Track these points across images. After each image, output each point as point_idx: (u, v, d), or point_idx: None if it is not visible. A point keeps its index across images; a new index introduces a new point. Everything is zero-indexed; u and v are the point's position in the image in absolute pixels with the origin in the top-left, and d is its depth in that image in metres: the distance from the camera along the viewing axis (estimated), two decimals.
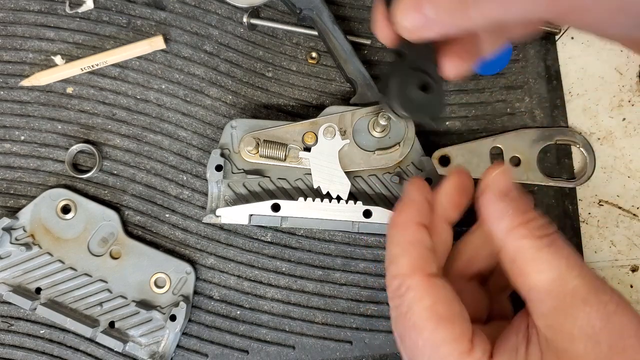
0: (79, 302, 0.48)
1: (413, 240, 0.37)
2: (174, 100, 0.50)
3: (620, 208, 0.50)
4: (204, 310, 0.48)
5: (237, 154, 0.46)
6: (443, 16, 0.30)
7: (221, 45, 0.51)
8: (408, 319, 0.35)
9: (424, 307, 0.34)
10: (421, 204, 0.38)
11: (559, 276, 0.33)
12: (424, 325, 0.34)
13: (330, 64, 0.51)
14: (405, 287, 0.35)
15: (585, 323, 0.32)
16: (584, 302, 0.32)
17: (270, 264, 0.49)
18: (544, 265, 0.33)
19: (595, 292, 0.33)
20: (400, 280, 0.36)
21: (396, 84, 0.36)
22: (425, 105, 0.36)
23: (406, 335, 0.35)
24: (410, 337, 0.34)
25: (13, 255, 0.47)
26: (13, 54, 0.50)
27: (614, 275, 0.50)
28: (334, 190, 0.45)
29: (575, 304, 0.32)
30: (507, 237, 0.35)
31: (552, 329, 0.33)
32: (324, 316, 0.49)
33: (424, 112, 0.36)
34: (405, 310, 0.35)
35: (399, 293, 0.35)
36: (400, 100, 0.36)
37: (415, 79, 0.36)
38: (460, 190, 0.40)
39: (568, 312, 0.32)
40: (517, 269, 0.35)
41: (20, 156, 0.50)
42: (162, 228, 0.49)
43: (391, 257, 0.37)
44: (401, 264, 0.36)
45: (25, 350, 0.48)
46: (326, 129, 0.45)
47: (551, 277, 0.33)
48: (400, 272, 0.36)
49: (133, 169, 0.50)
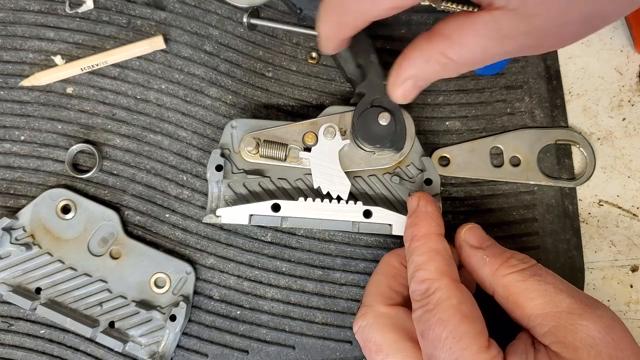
0: (79, 302, 0.48)
1: (437, 249, 0.39)
2: (174, 100, 0.50)
3: (620, 208, 0.50)
4: (204, 310, 0.48)
5: (237, 154, 0.46)
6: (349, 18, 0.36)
7: (221, 45, 0.51)
8: (434, 314, 0.37)
9: (450, 305, 0.37)
10: (438, 216, 0.42)
11: (550, 300, 0.37)
12: (449, 320, 0.36)
13: (330, 64, 0.51)
14: (434, 289, 0.38)
15: (585, 335, 0.35)
16: (581, 317, 0.36)
17: (270, 264, 0.49)
18: (534, 293, 0.37)
19: (589, 308, 0.36)
20: (428, 284, 0.38)
21: (358, 123, 0.43)
22: (385, 136, 0.43)
23: (430, 330, 0.37)
24: (435, 331, 0.36)
25: (13, 255, 0.47)
26: (13, 54, 0.50)
27: (614, 275, 0.50)
28: (334, 190, 0.45)
29: (572, 320, 0.36)
30: (493, 279, 0.39)
31: (556, 344, 0.36)
32: (324, 316, 0.49)
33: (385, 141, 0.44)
34: (432, 307, 0.37)
35: (427, 294, 0.38)
36: (363, 135, 0.43)
37: (373, 114, 0.43)
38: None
39: (568, 328, 0.35)
40: (512, 304, 0.38)
41: (20, 156, 0.50)
42: (162, 228, 0.49)
43: (417, 265, 0.39)
44: (430, 270, 0.38)
45: (25, 350, 0.48)
46: (326, 129, 0.45)
47: (543, 302, 0.37)
48: (429, 277, 0.38)
49: (133, 169, 0.50)
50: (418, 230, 0.41)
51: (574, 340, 0.35)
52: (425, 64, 0.36)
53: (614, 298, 0.49)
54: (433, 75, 0.37)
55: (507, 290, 0.38)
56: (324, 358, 0.48)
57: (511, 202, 0.49)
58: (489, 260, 0.40)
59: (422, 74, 0.37)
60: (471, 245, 0.41)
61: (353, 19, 0.36)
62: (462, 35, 0.34)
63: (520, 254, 0.40)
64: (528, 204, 0.49)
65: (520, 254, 0.40)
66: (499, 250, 0.41)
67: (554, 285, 0.37)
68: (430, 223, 0.41)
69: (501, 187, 0.49)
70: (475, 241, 0.42)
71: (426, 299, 0.38)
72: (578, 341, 0.35)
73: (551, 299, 0.37)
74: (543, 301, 0.37)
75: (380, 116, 0.43)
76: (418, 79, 0.37)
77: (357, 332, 0.42)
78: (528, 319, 0.37)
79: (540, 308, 0.37)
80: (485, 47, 0.34)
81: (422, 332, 0.38)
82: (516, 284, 0.38)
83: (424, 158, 0.46)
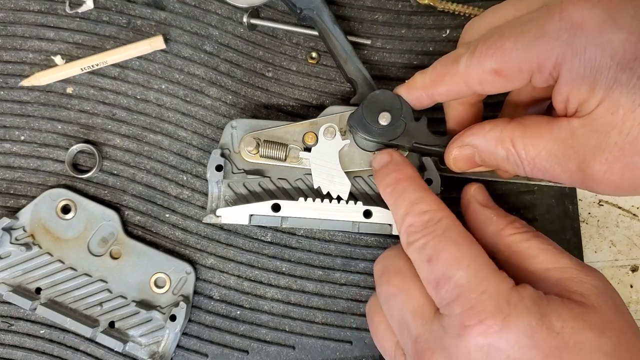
0: (79, 302, 0.48)
1: (425, 187, 0.39)
2: (174, 100, 0.50)
3: (620, 208, 0.50)
4: (204, 310, 0.48)
5: (237, 154, 0.46)
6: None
7: (221, 45, 0.51)
8: (445, 236, 0.36)
9: (461, 230, 0.37)
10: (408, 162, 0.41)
11: (553, 257, 0.37)
12: (463, 242, 0.36)
13: (330, 64, 0.51)
14: (439, 217, 0.37)
15: (590, 285, 0.35)
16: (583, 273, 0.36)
17: (270, 264, 0.49)
18: (537, 251, 0.37)
19: (588, 269, 0.37)
20: (431, 214, 0.37)
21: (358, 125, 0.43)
22: (384, 133, 0.42)
23: (443, 251, 0.36)
24: (449, 251, 0.36)
25: (13, 255, 0.47)
26: (13, 54, 0.50)
27: (613, 275, 0.50)
28: (334, 190, 0.44)
29: (575, 274, 0.36)
30: (497, 238, 0.39)
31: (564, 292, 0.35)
32: (324, 316, 0.49)
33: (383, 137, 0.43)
34: (441, 232, 0.36)
35: (432, 222, 0.37)
36: (361, 127, 0.43)
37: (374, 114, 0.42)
38: None
39: (573, 279, 0.36)
40: (512, 262, 0.38)
41: (20, 156, 0.50)
42: (162, 228, 0.49)
43: (413, 199, 0.38)
44: (429, 202, 0.38)
45: (25, 350, 0.48)
46: (326, 129, 0.45)
47: (546, 259, 0.37)
48: (430, 208, 0.38)
49: (133, 169, 0.50)
50: (402, 173, 0.40)
51: (581, 288, 0.35)
52: (493, 142, 0.37)
53: None
54: (493, 157, 0.38)
55: (510, 248, 0.38)
56: (324, 358, 0.48)
57: (511, 202, 0.49)
58: (495, 219, 0.40)
59: (484, 149, 0.38)
60: (480, 202, 0.41)
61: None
62: (538, 130, 0.36)
63: (521, 220, 0.40)
64: (528, 204, 0.49)
65: (521, 220, 0.40)
66: (504, 213, 0.41)
67: (555, 247, 0.38)
68: (411, 167, 0.41)
69: (501, 187, 0.49)
70: (484, 200, 0.42)
71: (432, 227, 0.37)
72: (585, 289, 0.35)
73: (553, 256, 0.37)
74: (546, 258, 0.37)
75: (380, 116, 0.43)
76: (480, 151, 0.38)
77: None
78: (532, 274, 0.37)
79: (544, 264, 0.37)
80: (554, 153, 0.35)
81: (430, 257, 0.36)
82: (520, 243, 0.38)
83: (424, 158, 0.46)
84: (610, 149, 0.33)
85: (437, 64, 0.40)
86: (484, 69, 0.36)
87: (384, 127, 0.42)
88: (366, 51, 0.51)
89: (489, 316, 0.33)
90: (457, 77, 0.38)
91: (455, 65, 0.38)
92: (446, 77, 0.39)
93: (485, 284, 0.34)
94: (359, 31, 0.51)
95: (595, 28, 0.31)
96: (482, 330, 0.33)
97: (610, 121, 0.33)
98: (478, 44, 0.36)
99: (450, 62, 0.38)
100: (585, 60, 0.32)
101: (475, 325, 0.33)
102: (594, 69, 0.32)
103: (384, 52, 0.51)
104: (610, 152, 0.33)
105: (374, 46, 0.51)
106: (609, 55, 0.31)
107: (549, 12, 0.33)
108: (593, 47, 0.31)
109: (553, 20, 0.33)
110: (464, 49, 0.37)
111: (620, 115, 0.32)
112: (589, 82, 0.33)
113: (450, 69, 0.38)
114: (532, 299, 0.34)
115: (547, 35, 0.33)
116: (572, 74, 0.33)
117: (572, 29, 0.32)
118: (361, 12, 0.51)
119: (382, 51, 0.51)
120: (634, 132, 0.32)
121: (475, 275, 0.34)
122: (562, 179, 0.36)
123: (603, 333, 0.33)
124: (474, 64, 0.36)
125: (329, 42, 0.47)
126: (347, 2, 0.51)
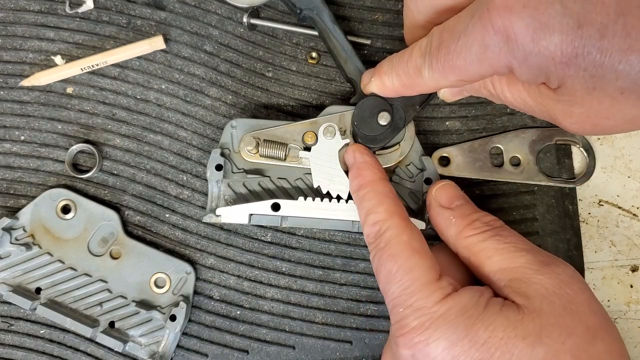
0: (79, 302, 0.48)
1: (384, 192, 0.40)
2: (174, 100, 0.50)
3: (620, 208, 0.50)
4: (204, 310, 0.48)
5: (237, 154, 0.46)
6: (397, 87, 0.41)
7: (221, 45, 0.51)
8: (385, 251, 0.38)
9: (401, 241, 0.38)
10: (377, 163, 0.42)
11: (508, 257, 0.38)
12: (400, 254, 0.37)
13: (330, 64, 0.51)
14: (385, 228, 0.38)
15: (539, 287, 0.36)
16: (537, 272, 0.37)
17: (270, 264, 0.49)
18: (492, 252, 0.38)
19: (547, 265, 0.37)
20: (379, 225, 0.39)
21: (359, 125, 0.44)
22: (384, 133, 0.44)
23: (382, 266, 0.38)
24: (386, 266, 0.37)
25: (13, 255, 0.47)
26: (13, 54, 0.50)
27: (613, 275, 0.50)
28: (334, 189, 0.45)
29: (528, 274, 0.37)
30: (457, 240, 0.40)
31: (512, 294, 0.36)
32: (324, 316, 0.49)
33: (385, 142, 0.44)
34: (384, 245, 0.38)
35: (379, 234, 0.38)
36: (361, 125, 0.44)
37: (373, 114, 0.43)
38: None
39: (522, 280, 0.36)
40: (472, 264, 0.39)
41: (20, 156, 0.50)
42: (162, 228, 0.49)
43: (368, 210, 0.40)
44: (379, 212, 0.39)
45: (25, 350, 0.48)
46: (326, 129, 0.45)
47: (501, 259, 0.38)
48: (380, 219, 0.39)
49: (133, 169, 0.50)
50: (363, 178, 0.41)
51: (528, 290, 0.36)
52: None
53: (614, 298, 0.49)
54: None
55: (469, 250, 0.39)
56: (324, 358, 0.48)
57: (511, 202, 0.49)
58: (454, 222, 0.40)
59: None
60: (440, 204, 0.42)
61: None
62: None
63: (488, 215, 0.41)
64: (528, 204, 0.49)
65: (488, 215, 0.41)
66: (468, 211, 0.41)
67: (514, 245, 0.38)
68: (372, 170, 0.41)
69: (501, 187, 0.49)
70: (445, 200, 0.42)
71: (378, 239, 0.38)
72: (532, 291, 0.36)
73: (509, 256, 0.38)
74: (500, 258, 0.38)
75: (380, 116, 0.43)
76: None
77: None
78: (487, 276, 0.38)
79: (498, 265, 0.38)
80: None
81: (376, 270, 0.38)
82: (476, 245, 0.39)
83: (424, 157, 0.46)
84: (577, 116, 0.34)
85: (399, 72, 0.40)
86: (449, 81, 0.37)
87: (384, 127, 0.44)
88: (366, 51, 0.51)
89: (412, 330, 0.35)
90: (426, 87, 0.39)
91: (420, 77, 0.38)
92: (416, 87, 0.40)
93: (413, 299, 0.36)
94: (359, 31, 0.51)
95: (529, 39, 0.31)
96: (406, 343, 0.35)
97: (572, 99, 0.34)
98: (432, 58, 0.37)
99: (412, 72, 0.39)
100: (531, 67, 0.32)
101: (402, 337, 0.36)
102: (542, 70, 0.32)
103: (384, 52, 0.51)
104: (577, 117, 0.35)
105: (374, 46, 0.51)
106: (550, 59, 0.31)
107: (481, 22, 0.33)
108: (533, 56, 0.32)
109: (488, 32, 0.32)
110: (420, 58, 0.38)
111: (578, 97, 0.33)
112: (542, 78, 0.33)
113: (416, 79, 0.39)
114: (460, 310, 0.35)
115: (490, 49, 0.33)
116: (523, 77, 0.34)
117: (508, 42, 0.32)
118: (361, 12, 0.51)
119: (382, 51, 0.51)
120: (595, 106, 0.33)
121: (404, 289, 0.36)
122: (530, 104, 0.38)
123: (538, 340, 0.34)
124: (437, 77, 0.37)
125: (329, 42, 0.47)
126: (347, 2, 0.51)
